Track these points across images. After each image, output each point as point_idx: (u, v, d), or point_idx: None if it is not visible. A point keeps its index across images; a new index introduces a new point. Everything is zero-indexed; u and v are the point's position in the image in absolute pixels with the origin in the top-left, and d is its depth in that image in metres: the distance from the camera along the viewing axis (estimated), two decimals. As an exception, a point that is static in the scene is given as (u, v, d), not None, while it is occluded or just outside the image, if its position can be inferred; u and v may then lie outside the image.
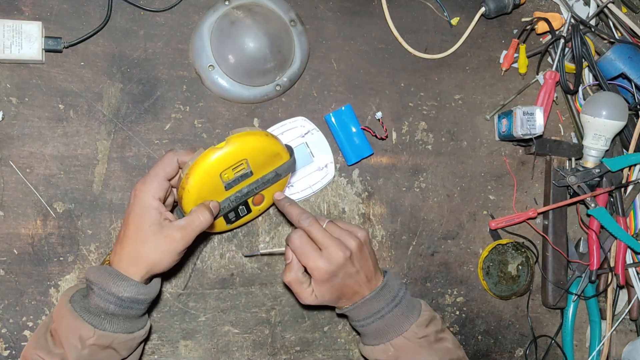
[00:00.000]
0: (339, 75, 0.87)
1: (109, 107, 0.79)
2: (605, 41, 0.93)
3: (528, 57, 0.94)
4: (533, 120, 0.87)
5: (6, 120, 0.75)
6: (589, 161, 0.90)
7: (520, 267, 0.93)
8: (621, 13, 0.93)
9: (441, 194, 0.91)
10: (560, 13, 0.95)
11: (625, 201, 0.92)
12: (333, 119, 0.84)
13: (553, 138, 0.93)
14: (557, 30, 0.92)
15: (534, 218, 0.93)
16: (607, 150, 0.91)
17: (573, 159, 0.93)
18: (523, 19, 0.95)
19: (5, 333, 0.75)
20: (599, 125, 0.88)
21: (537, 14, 0.93)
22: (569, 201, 0.91)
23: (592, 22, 0.93)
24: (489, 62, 0.94)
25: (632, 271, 0.93)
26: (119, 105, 0.79)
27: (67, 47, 0.77)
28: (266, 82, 0.82)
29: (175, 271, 0.81)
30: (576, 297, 0.93)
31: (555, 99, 0.95)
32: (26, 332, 0.76)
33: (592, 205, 0.90)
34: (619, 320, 0.95)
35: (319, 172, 0.85)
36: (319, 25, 0.87)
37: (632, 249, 0.92)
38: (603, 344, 0.94)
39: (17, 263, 0.75)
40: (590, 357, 0.94)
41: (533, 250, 0.93)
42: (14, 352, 0.75)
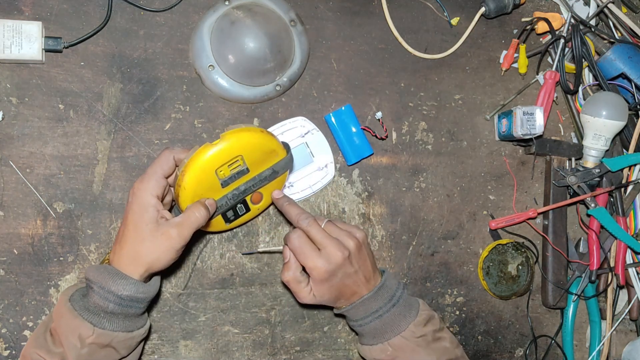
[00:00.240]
0: (339, 75, 0.87)
1: (109, 107, 0.79)
2: (605, 41, 0.93)
3: (528, 57, 0.94)
4: (533, 120, 0.87)
5: (6, 120, 0.75)
6: (589, 161, 0.90)
7: (520, 267, 0.93)
8: (621, 13, 0.93)
9: (441, 194, 0.91)
10: (560, 13, 0.95)
11: (625, 201, 0.92)
12: (333, 119, 0.84)
13: (553, 138, 0.93)
14: (557, 30, 0.92)
15: (534, 218, 0.93)
16: (607, 150, 0.90)
17: (573, 159, 0.93)
18: (523, 19, 0.95)
19: (5, 333, 0.75)
20: (599, 125, 0.88)
21: (537, 14, 0.93)
22: (569, 201, 0.91)
23: (592, 22, 0.93)
24: (489, 62, 0.94)
25: (632, 271, 0.93)
26: (119, 105, 0.79)
27: (67, 47, 0.77)
28: (266, 82, 0.82)
29: (175, 271, 0.81)
30: (576, 297, 0.93)
31: (555, 99, 0.95)
32: (26, 332, 0.76)
33: (592, 205, 0.90)
34: (619, 320, 0.95)
35: (319, 172, 0.85)
36: (319, 25, 0.87)
37: (632, 249, 0.92)
38: (603, 344, 0.94)
39: (17, 263, 0.75)
40: (590, 357, 0.94)
41: (533, 250, 0.93)
42: (14, 352, 0.75)
